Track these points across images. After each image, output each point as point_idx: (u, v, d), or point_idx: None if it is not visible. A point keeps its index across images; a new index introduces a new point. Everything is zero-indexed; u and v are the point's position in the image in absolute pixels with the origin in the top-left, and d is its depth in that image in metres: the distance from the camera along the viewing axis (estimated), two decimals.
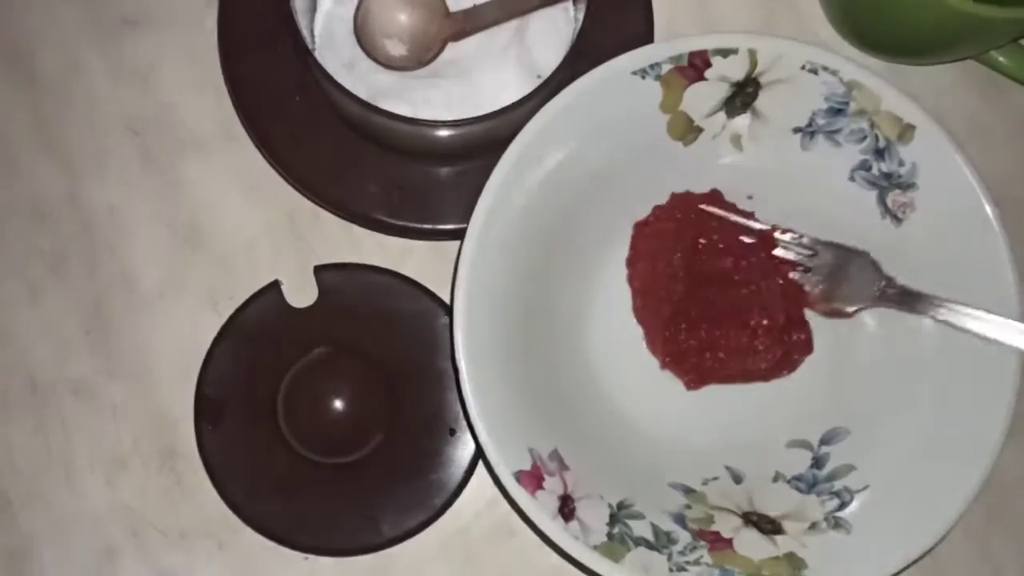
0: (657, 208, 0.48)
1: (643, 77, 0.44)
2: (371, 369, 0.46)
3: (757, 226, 0.47)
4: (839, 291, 0.46)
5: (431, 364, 0.48)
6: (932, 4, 0.44)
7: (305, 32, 0.47)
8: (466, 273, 0.43)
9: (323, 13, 0.49)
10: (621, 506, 0.44)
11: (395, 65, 0.48)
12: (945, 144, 0.44)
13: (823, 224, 0.47)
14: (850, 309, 0.46)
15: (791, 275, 0.47)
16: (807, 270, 0.47)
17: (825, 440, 0.47)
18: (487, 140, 0.47)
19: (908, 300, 0.45)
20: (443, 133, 0.44)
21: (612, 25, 0.48)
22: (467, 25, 0.48)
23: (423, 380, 0.48)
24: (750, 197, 0.48)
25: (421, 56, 0.48)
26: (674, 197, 0.48)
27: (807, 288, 0.47)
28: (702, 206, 0.48)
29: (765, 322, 0.46)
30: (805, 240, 0.47)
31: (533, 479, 0.42)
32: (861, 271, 0.46)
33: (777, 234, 0.47)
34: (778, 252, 0.47)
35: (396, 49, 0.48)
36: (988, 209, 0.44)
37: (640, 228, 0.48)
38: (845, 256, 0.46)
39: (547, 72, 0.48)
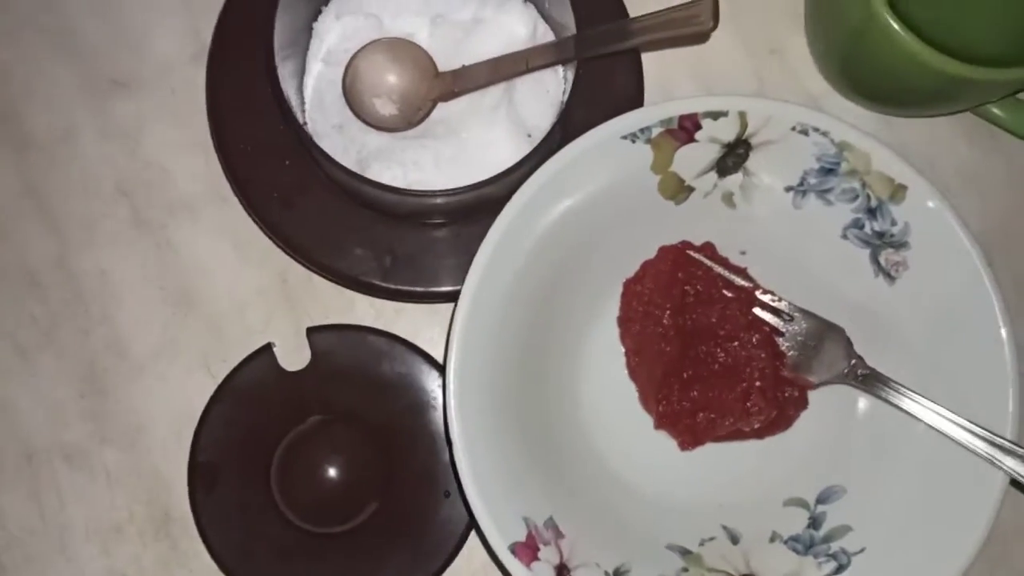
0: (646, 263, 0.48)
1: (633, 141, 0.44)
2: (365, 436, 0.46)
3: (739, 282, 0.47)
4: (807, 362, 0.46)
5: (425, 425, 0.48)
6: (927, 66, 0.44)
7: (293, 94, 0.47)
8: (459, 340, 0.43)
9: (313, 75, 0.49)
10: (617, 572, 0.43)
11: (385, 126, 0.48)
12: (938, 204, 0.44)
13: (816, 281, 0.47)
14: (814, 380, 0.46)
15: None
16: (780, 334, 0.47)
17: (822, 499, 0.47)
18: (479, 203, 0.46)
19: (875, 384, 0.45)
20: (435, 200, 0.44)
21: (602, 85, 0.48)
22: (456, 86, 0.47)
23: (417, 442, 0.47)
24: (743, 252, 0.48)
25: (411, 116, 0.48)
26: (662, 250, 0.48)
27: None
28: (689, 252, 0.48)
29: (758, 383, 0.46)
30: (784, 304, 0.47)
31: (528, 550, 0.42)
32: (834, 346, 0.46)
33: (758, 293, 0.47)
34: (756, 311, 0.47)
35: (386, 109, 0.48)
36: (982, 269, 0.43)
37: (630, 286, 0.48)
38: (820, 328, 0.46)
39: (536, 131, 0.48)
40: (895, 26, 0.44)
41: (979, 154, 0.52)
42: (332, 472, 0.45)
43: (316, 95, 0.49)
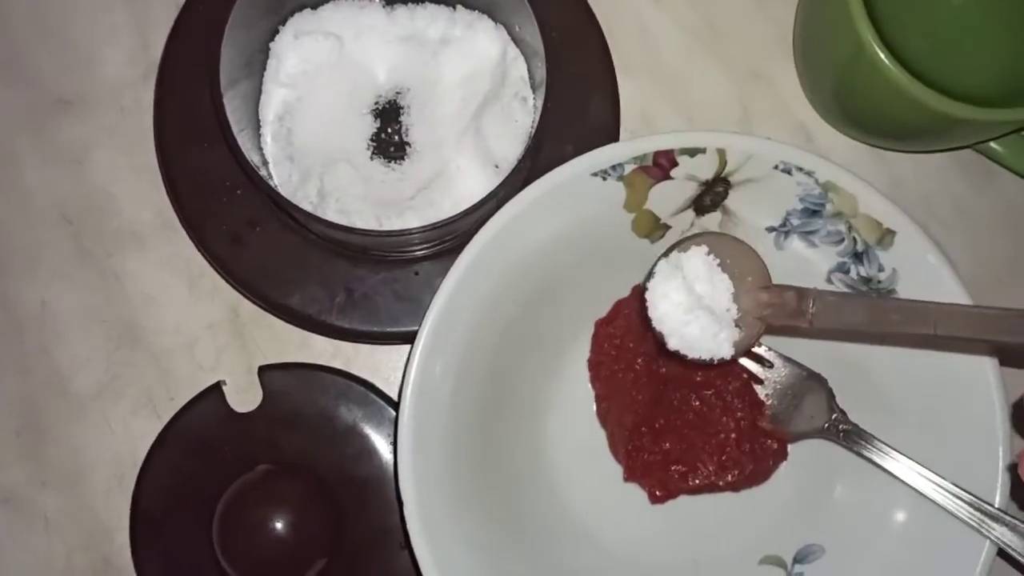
0: (619, 303, 0.46)
1: (604, 178, 0.41)
2: (315, 487, 0.43)
3: None
4: (786, 413, 0.44)
5: (379, 472, 0.45)
6: (923, 105, 0.41)
7: (248, 119, 0.44)
8: (414, 387, 0.40)
9: (273, 100, 0.45)
10: None
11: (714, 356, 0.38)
12: (928, 251, 0.41)
13: None
14: (793, 433, 0.44)
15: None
16: (759, 382, 0.44)
17: (799, 558, 0.44)
18: (442, 238, 0.44)
19: (857, 440, 0.42)
20: (393, 238, 0.42)
21: (575, 115, 0.45)
22: (817, 319, 0.35)
23: (370, 491, 0.45)
24: None
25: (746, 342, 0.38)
26: (637, 290, 0.45)
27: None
28: None
29: (734, 435, 0.44)
30: (764, 350, 0.44)
31: None
32: (815, 398, 0.43)
33: None
34: None
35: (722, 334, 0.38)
36: None
37: (601, 327, 0.46)
38: (802, 378, 0.43)
39: (504, 162, 0.45)
40: (887, 61, 0.41)
41: (975, 191, 0.49)
42: (278, 527, 0.42)
43: (275, 120, 0.46)
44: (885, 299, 0.39)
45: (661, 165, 0.42)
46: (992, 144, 0.47)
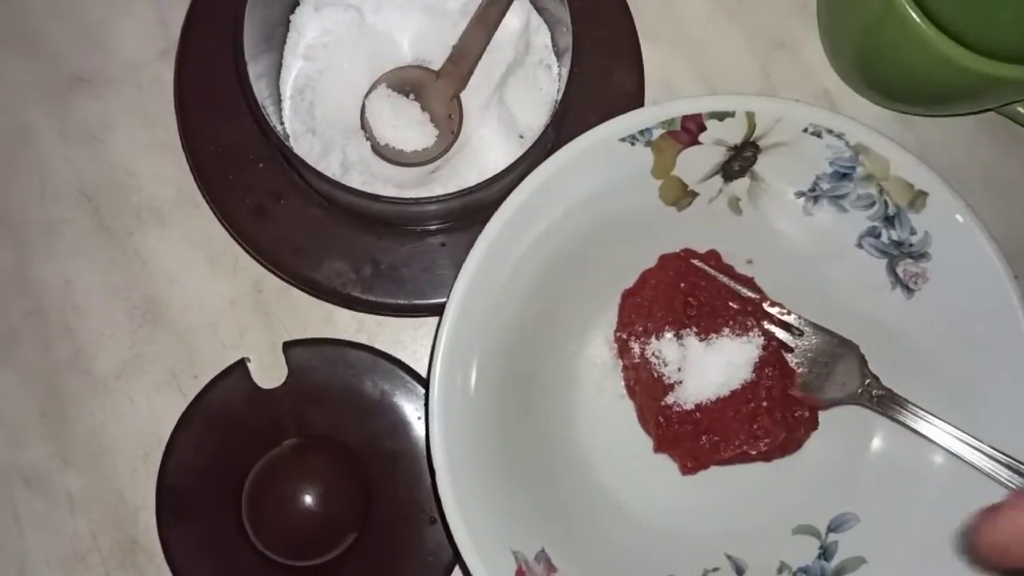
0: (645, 272, 0.45)
1: (632, 143, 0.41)
2: (344, 460, 0.43)
3: (745, 293, 0.44)
4: (818, 380, 0.43)
5: (408, 446, 0.45)
6: (952, 63, 0.41)
7: (269, 92, 0.44)
8: (444, 358, 0.40)
9: (292, 72, 0.45)
10: None
11: (434, 155, 0.45)
12: (961, 213, 0.41)
13: (828, 293, 0.44)
14: (825, 400, 0.43)
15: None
16: (789, 350, 0.43)
17: (833, 527, 0.44)
18: (467, 209, 0.43)
19: (891, 405, 0.42)
20: (420, 207, 0.41)
21: (600, 82, 0.45)
22: (461, 66, 0.44)
23: (400, 465, 0.44)
24: (750, 261, 0.45)
25: (451, 127, 0.45)
26: (663, 258, 0.45)
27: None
28: (692, 260, 0.44)
29: (765, 404, 0.43)
30: (793, 318, 0.43)
31: None
32: (847, 364, 0.43)
33: (766, 306, 0.44)
34: (764, 325, 0.44)
35: (426, 139, 0.45)
36: (1008, 284, 0.40)
37: (628, 297, 0.45)
38: (833, 344, 0.43)
39: (529, 132, 0.45)
40: (916, 19, 0.40)
41: (1003, 155, 0.49)
42: (308, 501, 0.41)
43: (295, 93, 0.45)
44: (475, 14, 0.45)
45: (689, 129, 0.41)
46: (1019, 108, 0.47)
